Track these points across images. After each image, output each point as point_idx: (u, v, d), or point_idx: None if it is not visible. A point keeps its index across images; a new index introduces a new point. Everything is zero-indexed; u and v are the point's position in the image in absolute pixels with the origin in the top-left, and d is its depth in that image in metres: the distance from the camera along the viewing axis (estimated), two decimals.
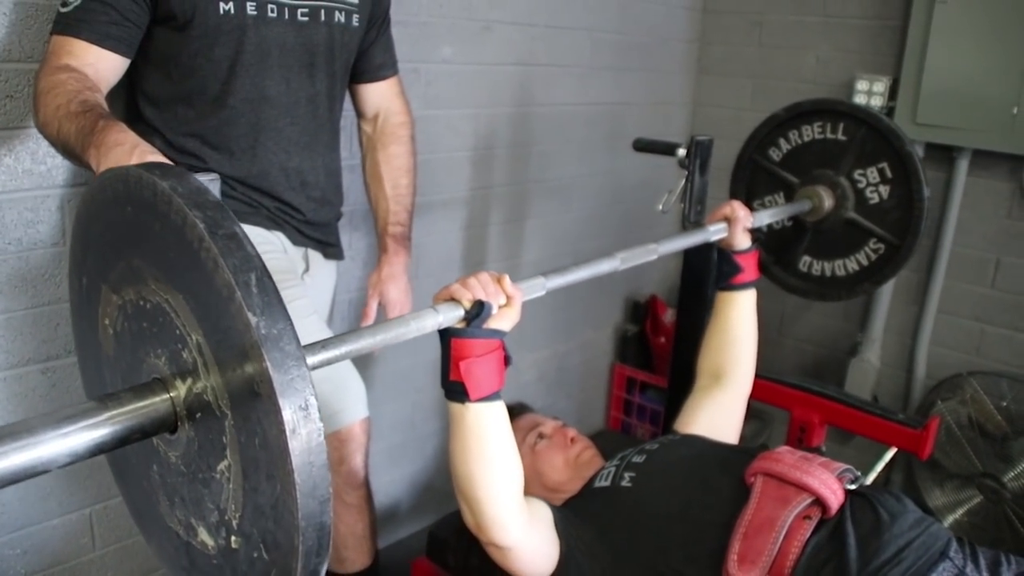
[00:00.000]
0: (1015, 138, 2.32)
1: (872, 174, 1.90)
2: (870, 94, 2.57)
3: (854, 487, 1.27)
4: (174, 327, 0.75)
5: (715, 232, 1.59)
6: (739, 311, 1.64)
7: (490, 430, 1.13)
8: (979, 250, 2.55)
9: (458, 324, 1.07)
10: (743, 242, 1.63)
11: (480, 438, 1.12)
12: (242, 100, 1.44)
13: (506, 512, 1.17)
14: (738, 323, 1.63)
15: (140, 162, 0.90)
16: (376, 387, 2.24)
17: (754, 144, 2.05)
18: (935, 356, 2.66)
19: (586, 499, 1.39)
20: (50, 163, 1.52)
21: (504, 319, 1.11)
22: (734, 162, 2.09)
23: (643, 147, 2.06)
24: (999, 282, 2.53)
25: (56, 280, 1.58)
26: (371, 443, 1.63)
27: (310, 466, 0.66)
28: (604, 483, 1.39)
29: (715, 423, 1.58)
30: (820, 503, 1.22)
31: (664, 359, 2.88)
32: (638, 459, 1.41)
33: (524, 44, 2.40)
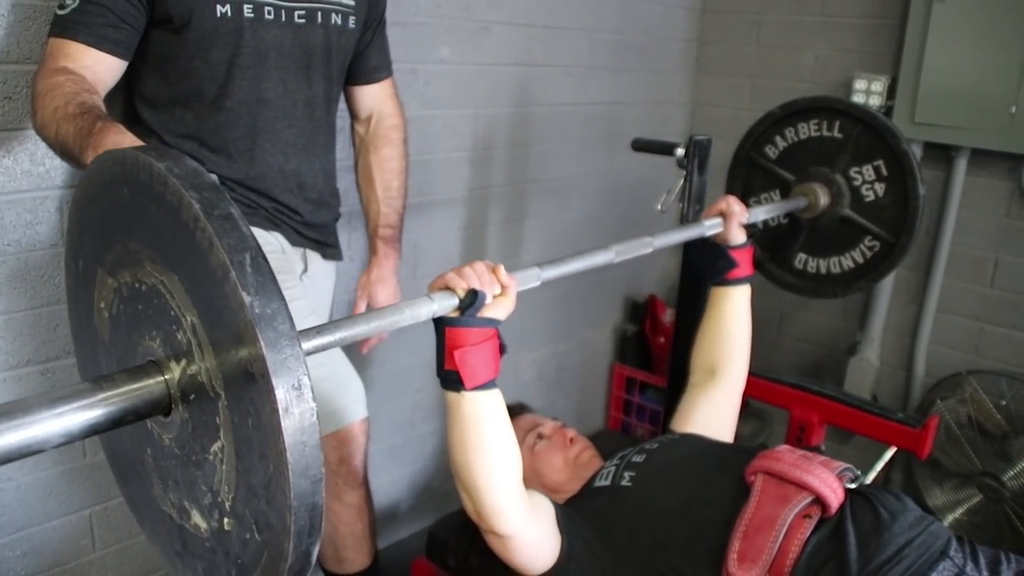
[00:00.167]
0: (1013, 137, 2.32)
1: (868, 172, 1.90)
2: (868, 93, 2.57)
3: (854, 486, 1.27)
4: (169, 308, 0.75)
5: (710, 227, 1.60)
6: (733, 306, 1.63)
7: (487, 418, 1.13)
8: (978, 249, 2.55)
9: (453, 313, 1.08)
10: (738, 237, 1.63)
11: (477, 426, 1.13)
12: (239, 102, 1.44)
13: (505, 500, 1.17)
14: (732, 318, 1.63)
15: None
16: (375, 388, 2.24)
17: (750, 142, 2.05)
18: (934, 355, 2.67)
19: (586, 498, 1.39)
20: (48, 164, 1.52)
21: (499, 308, 1.12)
22: (730, 160, 2.09)
23: (641, 147, 2.06)
24: (998, 281, 2.53)
25: (55, 281, 1.58)
26: (370, 443, 1.63)
27: (303, 445, 0.66)
28: (604, 482, 1.39)
29: (711, 420, 1.58)
30: (820, 502, 1.22)
31: (663, 359, 2.88)
32: (638, 458, 1.41)
33: (522, 44, 2.40)
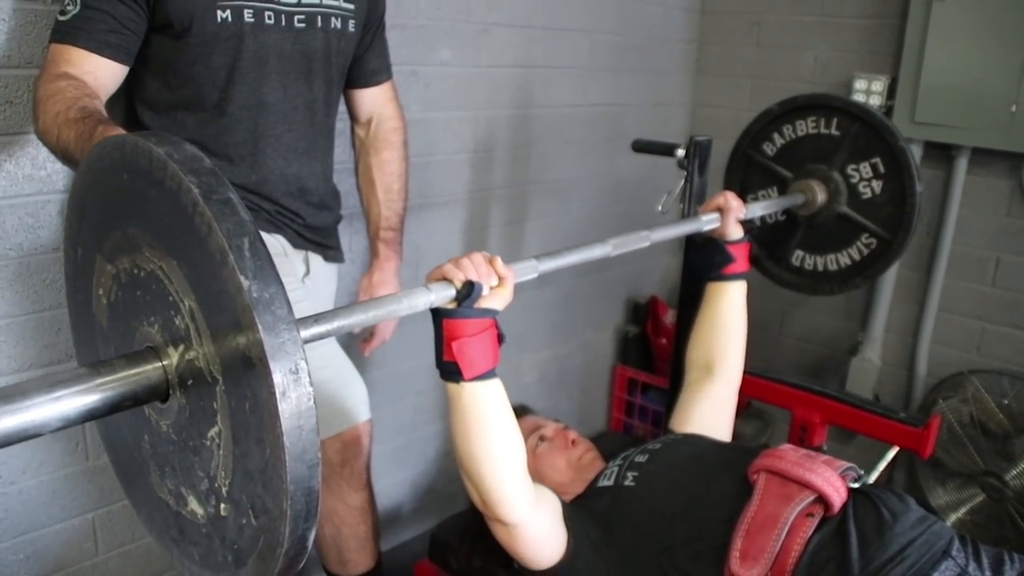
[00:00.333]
0: (1014, 136, 2.32)
1: (865, 169, 1.90)
2: (868, 93, 2.58)
3: (857, 485, 1.27)
4: (167, 294, 0.75)
5: (708, 221, 1.60)
6: (729, 302, 1.63)
7: (487, 408, 1.14)
8: (979, 248, 2.55)
9: (450, 304, 1.08)
10: (735, 232, 1.63)
11: (478, 416, 1.14)
12: (240, 107, 1.44)
13: (510, 488, 1.18)
14: (728, 313, 1.63)
15: None
16: (377, 390, 2.24)
17: (748, 139, 2.05)
18: (936, 355, 2.66)
19: (591, 498, 1.40)
20: (50, 168, 1.52)
21: (496, 299, 1.12)
22: (728, 156, 2.09)
23: (642, 148, 2.06)
24: (999, 280, 2.53)
25: (57, 285, 1.58)
26: (373, 446, 1.63)
27: (299, 430, 0.66)
28: (607, 482, 1.40)
29: (708, 417, 1.58)
30: (823, 501, 1.22)
31: (665, 360, 2.88)
32: (641, 458, 1.42)
33: (522, 46, 2.40)
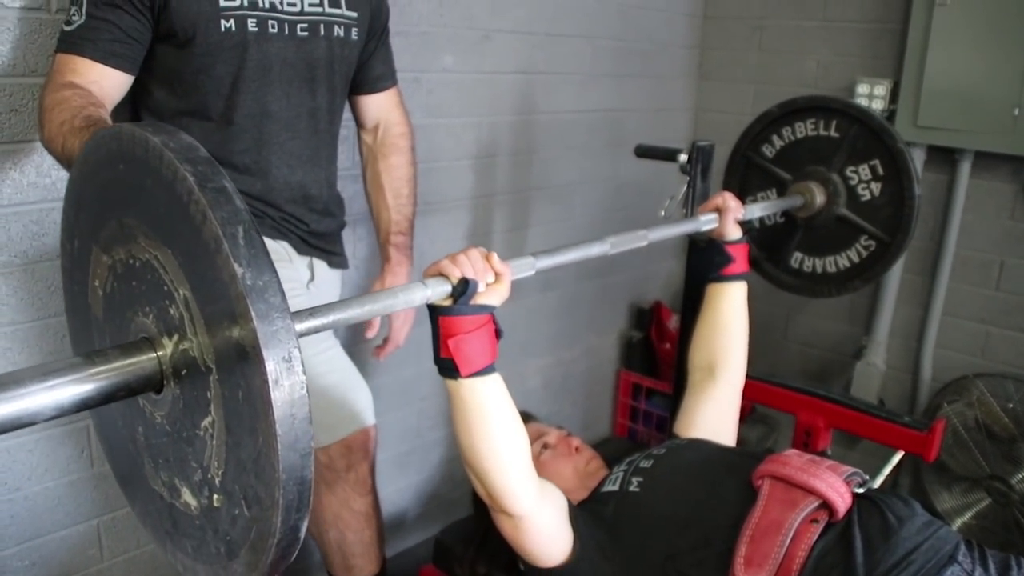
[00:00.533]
0: (1017, 139, 2.32)
1: (864, 171, 1.91)
2: (871, 97, 2.58)
3: (862, 491, 1.27)
4: (162, 283, 0.75)
5: (706, 222, 1.60)
6: (730, 302, 1.63)
7: (487, 403, 1.14)
8: (983, 252, 2.54)
9: (446, 301, 1.08)
10: (734, 233, 1.62)
11: (478, 412, 1.14)
12: (245, 116, 1.45)
13: (514, 481, 1.18)
14: (729, 314, 1.63)
15: None
16: (382, 396, 2.24)
17: (747, 141, 2.06)
18: (941, 359, 2.66)
19: (596, 503, 1.39)
20: (55, 176, 1.53)
21: (493, 295, 1.13)
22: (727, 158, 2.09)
23: (644, 153, 2.07)
24: (1003, 284, 2.52)
25: (61, 292, 1.59)
26: (377, 452, 1.63)
27: (292, 418, 0.66)
28: (613, 487, 1.40)
29: (712, 420, 1.57)
30: (827, 506, 1.21)
31: (670, 365, 2.88)
32: (645, 464, 1.41)
33: (524, 52, 2.41)
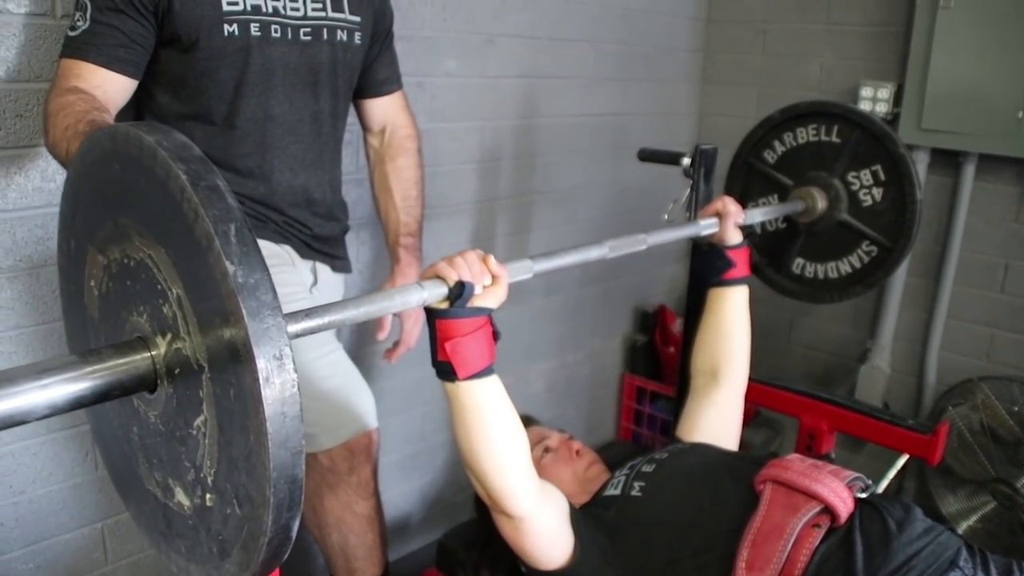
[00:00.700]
0: (1021, 142, 2.31)
1: (866, 176, 1.90)
2: (875, 101, 2.58)
3: (865, 495, 1.27)
4: (156, 283, 0.75)
5: (706, 226, 1.60)
6: (732, 306, 1.63)
7: (484, 405, 1.14)
8: (987, 255, 2.54)
9: (442, 303, 1.08)
10: (734, 237, 1.62)
11: (476, 414, 1.14)
12: (248, 120, 1.46)
13: (514, 482, 1.18)
14: (731, 318, 1.63)
15: None
16: (385, 400, 2.25)
17: (749, 146, 2.06)
18: (945, 362, 2.65)
19: (598, 507, 1.40)
20: (60, 181, 1.54)
21: (490, 297, 1.12)
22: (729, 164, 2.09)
23: (647, 157, 2.07)
24: (1008, 286, 2.52)
25: None
26: (381, 456, 1.63)
27: (283, 416, 0.67)
28: (614, 491, 1.40)
29: (715, 424, 1.58)
30: (829, 511, 1.21)
31: (674, 369, 2.87)
32: (647, 468, 1.41)
33: (528, 56, 2.41)
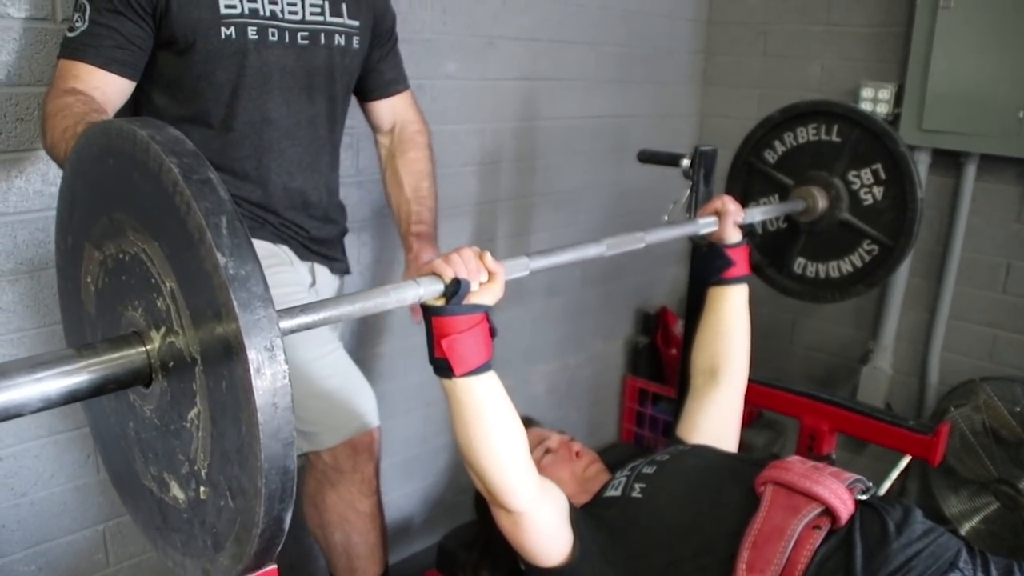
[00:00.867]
0: (1022, 142, 2.31)
1: (866, 175, 1.90)
2: (875, 101, 2.57)
3: (865, 497, 1.26)
4: (150, 276, 0.76)
5: (705, 225, 1.59)
6: (731, 305, 1.63)
7: (482, 402, 1.15)
8: (989, 255, 2.53)
9: (438, 300, 1.09)
10: (734, 236, 1.62)
11: (474, 410, 1.14)
12: (245, 123, 1.46)
13: (512, 477, 1.19)
14: (731, 317, 1.63)
15: None
16: (387, 402, 2.25)
17: (749, 146, 2.06)
18: (947, 362, 2.65)
19: (598, 507, 1.40)
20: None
21: (486, 294, 1.13)
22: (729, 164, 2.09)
23: (647, 159, 2.07)
24: (1010, 287, 2.51)
25: None
26: (383, 458, 1.64)
27: (274, 407, 0.67)
28: (615, 492, 1.40)
29: (715, 423, 1.57)
30: (830, 513, 1.21)
31: (676, 370, 2.87)
32: (648, 470, 1.41)
33: (528, 59, 2.42)
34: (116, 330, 0.83)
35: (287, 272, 1.56)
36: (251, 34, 1.40)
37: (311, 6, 1.47)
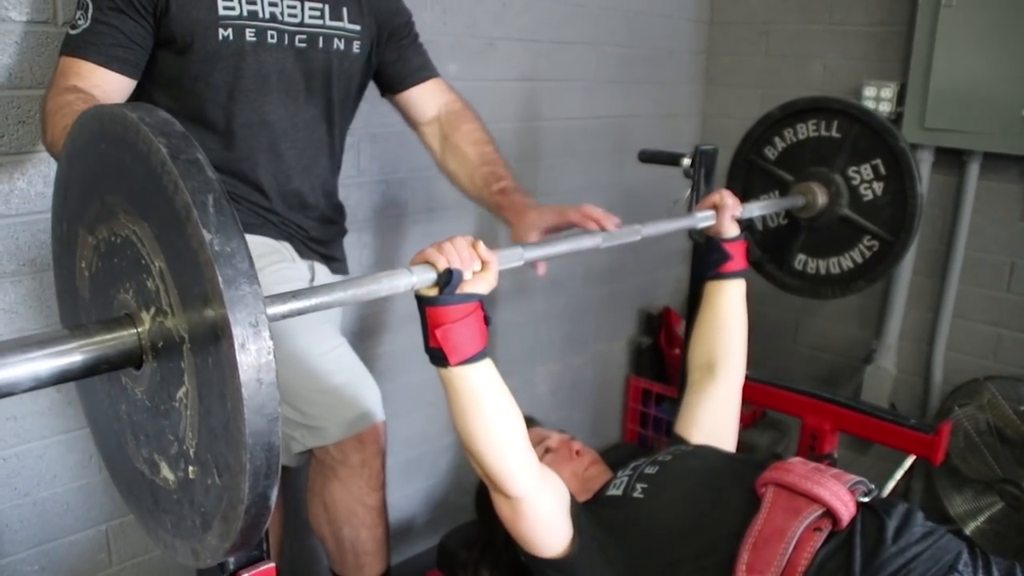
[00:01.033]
0: None
1: (866, 171, 1.90)
2: (878, 100, 2.57)
3: (867, 499, 1.26)
4: (140, 257, 0.77)
5: (703, 219, 1.59)
6: (728, 300, 1.62)
7: (478, 390, 1.15)
8: (993, 254, 2.53)
9: (431, 290, 1.09)
10: (731, 230, 1.61)
11: (471, 398, 1.15)
12: (242, 124, 1.46)
13: (510, 462, 1.19)
14: (728, 312, 1.62)
15: None
16: (390, 401, 2.23)
17: (750, 143, 2.06)
18: (951, 362, 2.64)
19: (599, 505, 1.39)
20: None
21: (480, 283, 1.13)
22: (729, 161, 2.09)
23: (648, 158, 2.07)
24: (1014, 286, 2.51)
25: None
26: (386, 456, 1.64)
27: (258, 383, 0.67)
28: (616, 492, 1.40)
29: (712, 418, 1.57)
30: (831, 515, 1.21)
31: (679, 371, 2.87)
32: (650, 470, 1.41)
33: (528, 60, 2.42)
34: (108, 313, 0.84)
35: (288, 268, 1.57)
36: (249, 36, 1.40)
37: (311, 9, 1.47)
